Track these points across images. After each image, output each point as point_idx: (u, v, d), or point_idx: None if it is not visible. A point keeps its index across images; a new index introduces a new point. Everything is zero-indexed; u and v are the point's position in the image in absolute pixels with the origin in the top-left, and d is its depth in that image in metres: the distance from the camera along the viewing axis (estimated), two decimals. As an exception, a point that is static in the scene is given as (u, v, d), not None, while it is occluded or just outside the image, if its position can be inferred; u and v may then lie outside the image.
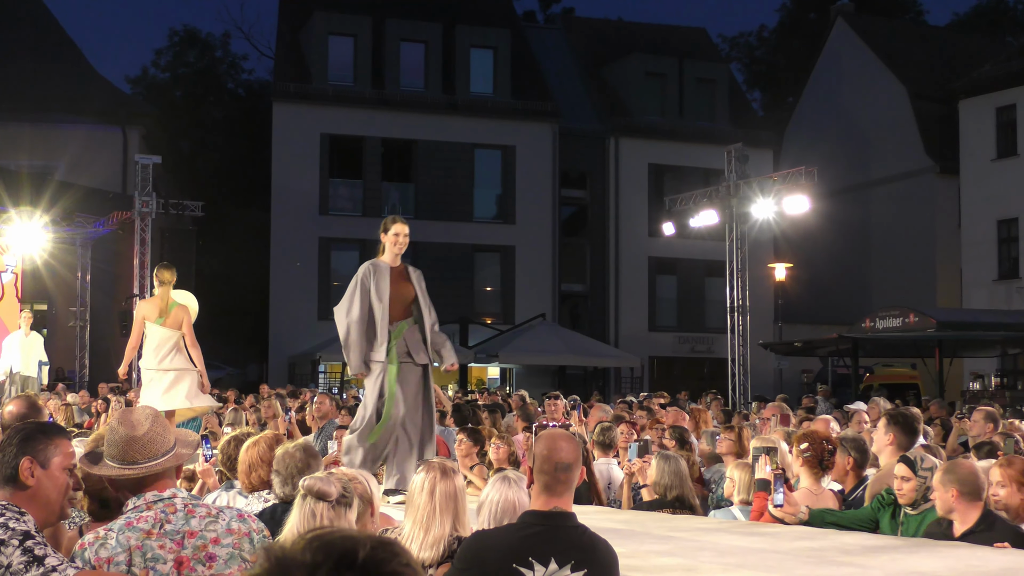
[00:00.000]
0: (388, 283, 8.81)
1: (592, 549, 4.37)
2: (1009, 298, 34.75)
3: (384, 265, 8.94)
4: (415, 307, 8.97)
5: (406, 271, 9.05)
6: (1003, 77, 36.41)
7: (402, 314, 8.91)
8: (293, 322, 35.63)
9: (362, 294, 8.81)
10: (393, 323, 8.79)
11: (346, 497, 4.20)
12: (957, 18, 62.09)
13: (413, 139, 37.90)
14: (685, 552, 5.77)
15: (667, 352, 39.91)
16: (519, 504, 4.76)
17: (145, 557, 3.76)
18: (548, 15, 55.49)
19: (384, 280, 8.82)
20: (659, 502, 7.99)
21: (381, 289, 8.80)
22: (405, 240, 8.99)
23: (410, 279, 9.01)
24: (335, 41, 38.07)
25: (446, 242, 37.51)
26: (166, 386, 11.41)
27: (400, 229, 8.99)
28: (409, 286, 8.96)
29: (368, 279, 8.85)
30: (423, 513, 4.84)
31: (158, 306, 11.48)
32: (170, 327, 11.48)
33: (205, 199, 31.48)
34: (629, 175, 40.21)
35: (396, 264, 8.99)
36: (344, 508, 4.18)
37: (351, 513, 4.21)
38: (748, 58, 65.30)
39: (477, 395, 22.84)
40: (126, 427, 3.99)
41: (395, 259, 8.99)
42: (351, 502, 4.23)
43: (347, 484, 4.28)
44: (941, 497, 6.26)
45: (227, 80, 58.21)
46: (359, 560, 1.63)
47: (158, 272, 11.70)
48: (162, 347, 11.47)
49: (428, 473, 4.95)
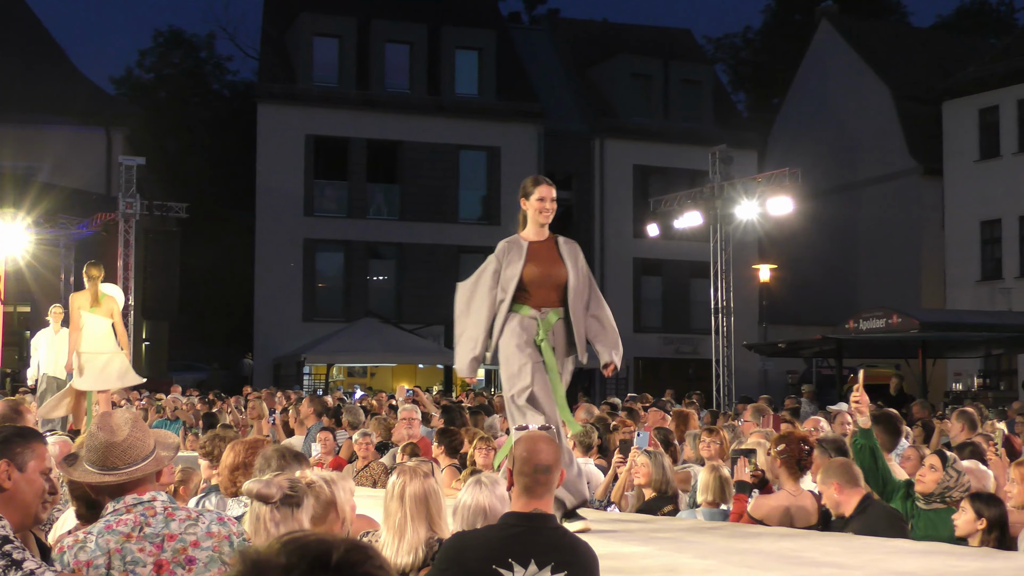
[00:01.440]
0: (521, 264, 7.13)
1: (572, 550, 4.37)
2: (992, 299, 34.89)
3: (521, 242, 7.26)
4: (568, 292, 7.19)
5: (555, 245, 7.31)
6: (986, 79, 36.56)
7: (552, 300, 7.18)
8: (278, 323, 35.60)
9: (489, 279, 7.23)
10: (541, 310, 7.14)
11: (292, 498, 4.18)
12: (941, 19, 62.35)
13: (398, 140, 37.90)
14: (666, 553, 5.79)
15: (652, 353, 39.96)
16: (490, 508, 4.77)
17: (124, 560, 3.75)
18: (533, 16, 55.58)
19: (516, 262, 7.16)
20: (660, 498, 8.04)
21: (508, 274, 7.15)
22: (552, 206, 7.24)
23: (561, 256, 7.26)
24: (320, 42, 38.05)
25: (431, 243, 37.56)
26: (99, 367, 12.93)
27: (546, 192, 7.23)
28: (559, 265, 7.22)
29: (501, 260, 7.23)
30: (395, 519, 4.86)
31: (90, 297, 13.10)
32: (102, 315, 13.06)
33: (190, 200, 31.42)
34: (614, 176, 40.26)
35: (541, 238, 7.30)
36: (291, 510, 4.17)
37: (301, 514, 4.19)
38: (733, 59, 65.44)
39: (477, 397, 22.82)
40: (105, 433, 3.97)
41: (540, 231, 7.29)
42: (300, 503, 4.22)
43: (295, 485, 4.26)
44: (826, 493, 6.59)
45: (212, 81, 58.19)
46: (332, 562, 1.65)
47: (87, 269, 13.35)
48: (95, 333, 12.97)
49: (399, 477, 4.97)
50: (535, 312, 7.11)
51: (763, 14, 64.92)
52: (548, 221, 7.22)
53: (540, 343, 7.04)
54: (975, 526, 6.20)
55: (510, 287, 7.09)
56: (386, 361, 35.04)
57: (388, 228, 38.02)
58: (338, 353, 33.32)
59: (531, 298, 7.13)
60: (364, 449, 10.48)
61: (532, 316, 7.11)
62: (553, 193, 7.21)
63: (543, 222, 7.22)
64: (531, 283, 7.11)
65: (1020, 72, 35.38)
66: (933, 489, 6.79)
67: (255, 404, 15.42)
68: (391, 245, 38.18)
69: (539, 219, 7.22)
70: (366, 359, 34.97)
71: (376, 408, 16.34)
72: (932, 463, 6.94)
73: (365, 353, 33.38)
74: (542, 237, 7.26)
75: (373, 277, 38.72)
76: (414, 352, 33.58)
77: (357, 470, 10.28)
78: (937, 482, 6.79)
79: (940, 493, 6.75)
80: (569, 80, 42.60)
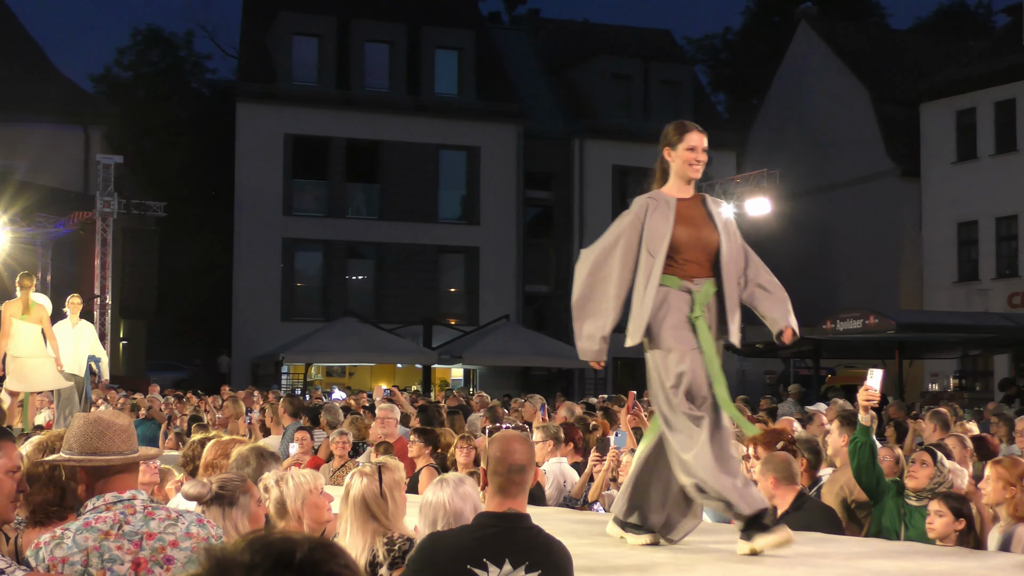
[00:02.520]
0: (671, 223, 5.93)
1: (547, 550, 4.37)
2: (969, 300, 35.06)
3: (667, 198, 6.04)
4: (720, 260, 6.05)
5: (703, 205, 6.15)
6: (963, 81, 36.74)
7: (705, 269, 6.04)
8: (256, 323, 35.52)
9: (629, 240, 5.98)
10: (694, 281, 5.99)
11: (223, 497, 4.21)
12: (919, 22, 62.58)
13: (378, 140, 37.86)
14: (639, 553, 5.80)
15: (631, 353, 39.11)
16: (450, 506, 4.76)
17: (103, 558, 3.75)
18: (513, 16, 55.56)
19: (664, 220, 5.94)
20: None
21: (657, 234, 5.91)
22: (705, 157, 6.13)
23: (711, 217, 6.11)
24: (299, 41, 37.99)
25: (411, 243, 37.55)
26: (30, 369, 13.56)
27: (697, 141, 6.10)
28: (711, 228, 6.07)
29: (642, 218, 5.99)
30: (342, 520, 4.89)
31: (21, 305, 13.66)
32: (32, 322, 13.63)
33: (168, 199, 31.34)
34: (594, 176, 40.30)
35: (687, 195, 6.12)
36: (222, 508, 4.20)
37: (236, 512, 4.24)
38: (712, 60, 65.55)
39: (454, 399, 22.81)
40: (108, 416, 4.00)
41: (686, 188, 6.12)
42: (233, 501, 4.25)
43: (227, 484, 4.30)
44: (762, 485, 6.67)
45: (191, 79, 57.93)
46: (296, 560, 1.65)
47: (20, 279, 13.86)
48: (27, 339, 13.59)
49: (351, 478, 4.98)
50: (687, 283, 5.95)
51: (742, 15, 65.27)
52: (699, 175, 6.11)
53: (695, 321, 5.91)
54: (954, 526, 6.24)
55: (660, 249, 5.88)
56: (365, 361, 34.99)
57: (367, 228, 37.97)
58: (317, 353, 33.26)
59: (680, 267, 5.95)
60: (340, 448, 10.47)
61: (684, 288, 5.94)
62: (705, 142, 6.11)
63: (692, 176, 6.08)
64: (682, 248, 5.93)
65: (997, 74, 35.57)
66: (926, 484, 6.88)
67: (231, 404, 15.40)
68: (370, 245, 38.14)
69: (688, 172, 6.07)
70: (345, 359, 34.92)
71: (355, 407, 16.33)
72: (923, 459, 7.03)
73: (344, 353, 33.33)
74: (688, 195, 6.10)
75: (352, 277, 38.67)
76: (393, 352, 33.54)
77: (334, 470, 10.27)
78: (929, 477, 6.90)
79: (932, 488, 6.83)
80: (549, 80, 42.63)
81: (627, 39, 44.89)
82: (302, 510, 4.92)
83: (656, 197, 6.03)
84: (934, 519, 6.25)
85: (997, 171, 35.39)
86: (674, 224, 5.92)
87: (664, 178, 6.15)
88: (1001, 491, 6.38)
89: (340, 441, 10.53)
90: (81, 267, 29.37)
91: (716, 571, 5.22)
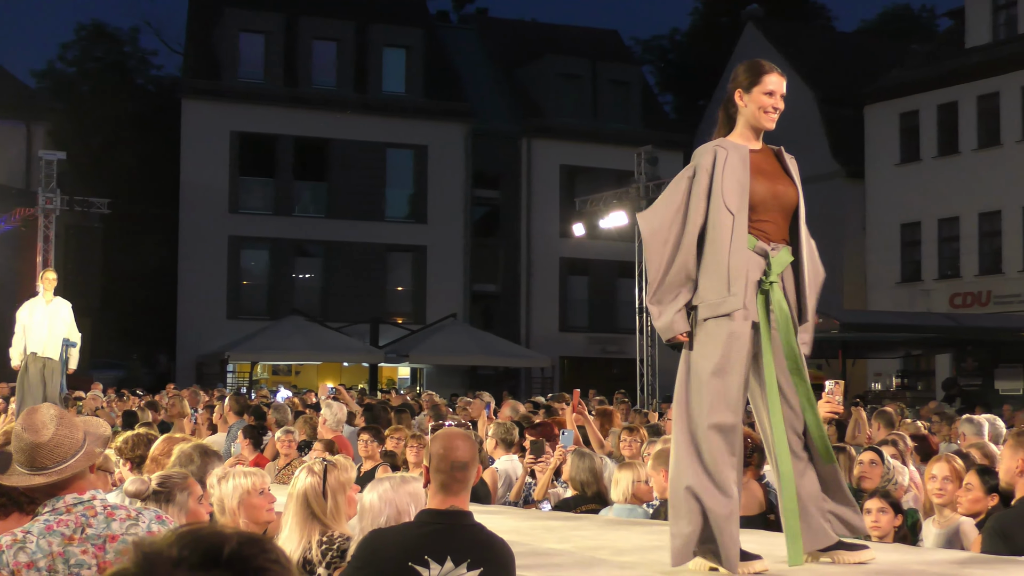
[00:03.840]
0: (747, 175, 5.06)
1: (489, 547, 4.38)
2: (912, 300, 35.47)
3: (741, 146, 5.15)
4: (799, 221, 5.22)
5: (780, 159, 5.28)
6: (907, 84, 37.19)
7: (782, 231, 5.18)
8: (202, 321, 35.26)
9: (696, 197, 5.05)
10: (770, 244, 5.10)
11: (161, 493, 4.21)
12: (865, 24, 63.16)
13: (325, 138, 37.71)
14: (583, 549, 5.82)
15: (578, 352, 40.12)
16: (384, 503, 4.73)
17: (68, 564, 3.70)
18: (462, 15, 55.45)
19: (739, 171, 5.05)
20: (580, 498, 8.08)
21: (734, 187, 5.02)
22: (782, 105, 5.16)
23: (789, 172, 5.24)
24: (246, 38, 37.76)
25: (358, 241, 37.44)
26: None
27: (776, 84, 5.12)
28: (788, 183, 5.21)
29: (711, 169, 5.07)
30: (285, 515, 4.88)
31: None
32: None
33: (113, 196, 31.00)
34: (541, 176, 40.37)
35: (757, 147, 5.22)
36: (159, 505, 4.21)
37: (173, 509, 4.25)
38: (660, 61, 65.79)
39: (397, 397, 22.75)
40: (30, 433, 3.87)
41: (755, 139, 5.21)
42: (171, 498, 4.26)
43: (166, 481, 4.31)
44: (654, 479, 6.83)
45: (136, 76, 57.34)
46: (224, 555, 1.64)
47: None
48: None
49: (298, 474, 4.98)
50: (763, 245, 5.08)
51: (690, 16, 65.48)
52: (773, 126, 5.19)
53: (769, 287, 5.01)
54: (894, 523, 6.32)
55: (742, 206, 5.01)
56: (311, 359, 34.83)
57: (314, 226, 37.82)
58: (262, 351, 33.06)
59: (755, 226, 5.07)
60: (286, 447, 10.42)
61: (760, 251, 5.06)
62: (784, 86, 5.16)
63: (766, 126, 5.19)
64: (758, 205, 5.08)
65: (940, 78, 36.02)
66: (879, 484, 6.97)
67: (176, 402, 15.29)
68: (317, 243, 37.99)
69: (762, 121, 5.16)
70: (291, 357, 34.75)
71: (299, 406, 16.26)
72: (871, 459, 7.13)
73: (290, 351, 33.16)
74: (758, 147, 5.22)
75: (299, 275, 38.49)
76: (339, 350, 33.41)
77: (279, 468, 10.23)
78: (881, 476, 6.99)
79: (883, 486, 6.91)
80: (497, 79, 42.63)
81: (575, 39, 45.00)
82: (238, 510, 4.90)
83: (726, 145, 5.11)
84: (878, 517, 6.31)
85: (940, 173, 35.83)
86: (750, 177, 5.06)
87: (729, 125, 5.22)
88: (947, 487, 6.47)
89: (285, 440, 10.49)
90: (23, 264, 29.01)
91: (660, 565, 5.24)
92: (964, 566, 5.15)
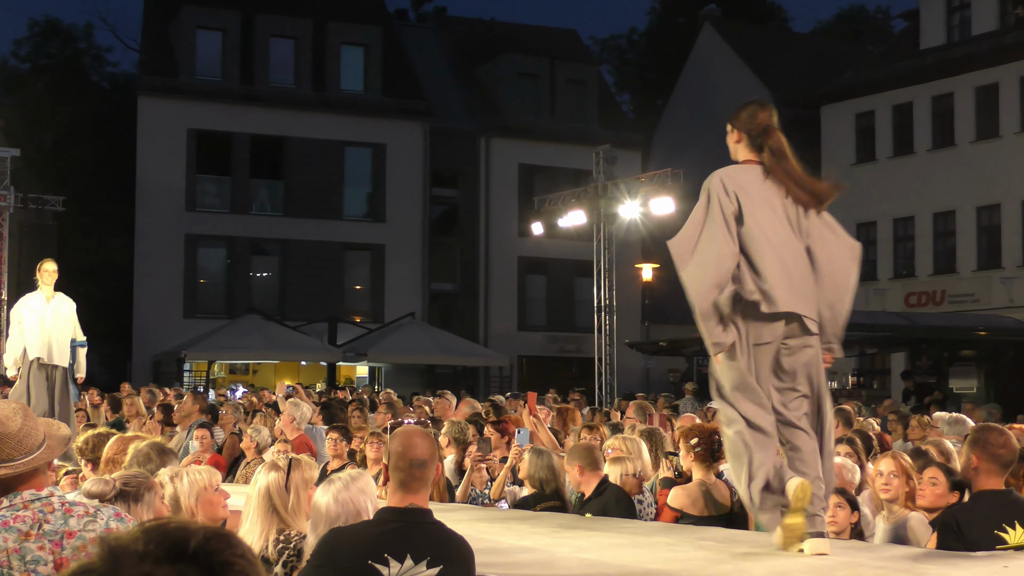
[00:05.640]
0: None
1: (449, 545, 4.38)
2: (867, 299, 35.69)
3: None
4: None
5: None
6: (863, 84, 37.48)
7: None
8: (158, 320, 35.03)
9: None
10: None
11: (128, 493, 4.20)
12: (821, 25, 63.63)
13: (283, 136, 37.55)
14: (543, 547, 5.83)
15: (536, 351, 40.18)
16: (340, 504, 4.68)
17: (25, 560, 3.66)
18: (420, 14, 55.32)
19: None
20: (538, 496, 8.10)
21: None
22: None
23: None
24: (203, 35, 37.52)
25: (316, 240, 37.31)
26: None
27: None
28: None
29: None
30: (245, 509, 4.87)
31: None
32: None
33: (68, 194, 30.75)
34: (500, 175, 40.39)
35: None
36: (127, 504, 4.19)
37: (140, 508, 4.23)
38: (619, 60, 65.98)
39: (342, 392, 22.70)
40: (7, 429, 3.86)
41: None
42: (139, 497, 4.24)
43: (131, 480, 4.29)
44: (570, 474, 7.26)
45: (91, 73, 56.85)
46: (190, 549, 1.64)
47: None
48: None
49: (261, 469, 4.97)
50: None
51: (648, 16, 65.67)
52: None
53: None
54: (850, 520, 6.37)
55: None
56: (268, 358, 34.68)
57: (272, 224, 37.66)
58: (220, 350, 32.89)
59: None
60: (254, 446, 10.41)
61: None
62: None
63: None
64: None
65: (895, 78, 36.32)
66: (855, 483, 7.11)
67: (133, 401, 15.19)
68: (275, 241, 37.82)
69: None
70: (248, 356, 34.58)
71: (257, 405, 16.19)
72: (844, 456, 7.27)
73: (247, 350, 33.00)
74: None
75: (256, 273, 38.32)
76: (297, 349, 33.30)
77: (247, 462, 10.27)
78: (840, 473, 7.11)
79: None
80: (455, 78, 42.62)
81: (534, 38, 45.04)
82: (196, 506, 4.89)
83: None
84: (835, 512, 6.35)
85: (895, 173, 36.13)
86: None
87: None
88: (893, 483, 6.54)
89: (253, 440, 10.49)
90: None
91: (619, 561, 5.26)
92: (919, 561, 5.21)
